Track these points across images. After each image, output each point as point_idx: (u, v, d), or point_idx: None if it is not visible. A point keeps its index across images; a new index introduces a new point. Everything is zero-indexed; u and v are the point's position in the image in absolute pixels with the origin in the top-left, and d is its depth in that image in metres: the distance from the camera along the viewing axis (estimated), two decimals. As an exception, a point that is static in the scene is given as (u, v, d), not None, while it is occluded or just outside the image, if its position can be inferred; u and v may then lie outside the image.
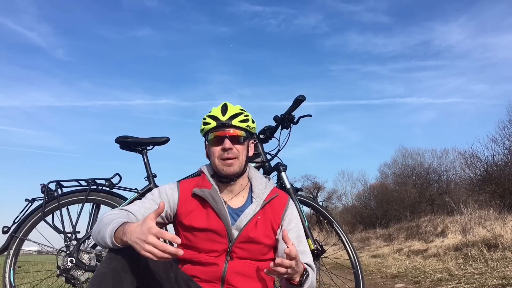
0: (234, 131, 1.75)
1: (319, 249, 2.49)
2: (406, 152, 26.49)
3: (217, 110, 1.79)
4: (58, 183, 2.71)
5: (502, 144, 17.04)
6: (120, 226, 1.42)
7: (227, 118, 1.74)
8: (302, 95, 2.64)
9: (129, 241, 1.34)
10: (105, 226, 1.48)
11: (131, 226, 1.37)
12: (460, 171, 21.70)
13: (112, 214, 1.60)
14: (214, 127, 1.74)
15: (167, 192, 1.77)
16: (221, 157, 1.72)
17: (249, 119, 1.80)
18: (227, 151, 1.71)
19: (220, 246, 1.68)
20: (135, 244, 1.32)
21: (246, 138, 1.80)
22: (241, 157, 1.75)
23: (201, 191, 1.73)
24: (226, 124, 1.73)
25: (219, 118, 1.74)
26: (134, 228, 1.35)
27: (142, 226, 1.32)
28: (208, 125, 1.76)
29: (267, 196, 1.80)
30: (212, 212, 1.70)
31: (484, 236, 7.37)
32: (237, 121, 1.75)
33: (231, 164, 1.72)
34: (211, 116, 1.77)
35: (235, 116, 1.76)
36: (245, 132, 1.79)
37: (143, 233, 1.30)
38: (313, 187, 32.78)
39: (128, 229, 1.36)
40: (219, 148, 1.73)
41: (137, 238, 1.31)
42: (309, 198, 2.83)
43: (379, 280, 5.96)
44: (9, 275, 2.59)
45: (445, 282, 4.62)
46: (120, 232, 1.40)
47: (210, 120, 1.76)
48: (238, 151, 1.74)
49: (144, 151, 2.77)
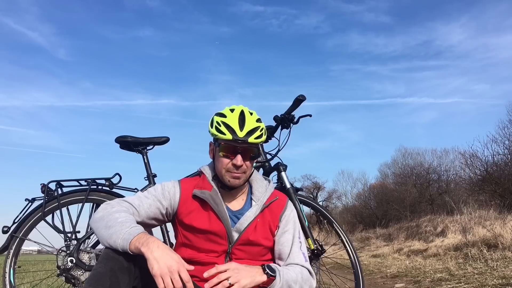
0: (248, 147, 1.70)
1: (319, 249, 2.49)
2: (406, 152, 26.55)
3: (234, 120, 1.69)
4: (58, 183, 2.71)
5: (502, 144, 17.09)
6: (137, 235, 1.42)
7: (244, 135, 1.66)
8: (302, 95, 2.64)
9: (148, 254, 1.36)
10: (121, 225, 1.46)
11: (157, 241, 1.40)
12: (460, 171, 21.75)
13: (122, 211, 1.58)
14: (229, 140, 1.68)
15: (170, 190, 1.76)
16: (229, 169, 1.69)
17: (263, 134, 1.74)
18: (237, 168, 1.68)
19: (219, 247, 1.68)
20: (155, 262, 1.34)
21: (257, 154, 1.77)
22: (248, 172, 1.74)
23: (201, 193, 1.72)
24: (241, 141, 1.66)
25: (235, 132, 1.66)
26: (160, 245, 1.38)
27: (170, 251, 1.38)
28: (223, 135, 1.67)
29: (267, 200, 1.80)
30: (213, 214, 1.69)
31: (484, 236, 7.37)
32: (253, 138, 1.68)
33: (237, 177, 1.70)
34: (227, 126, 1.68)
35: (252, 132, 1.68)
36: (257, 148, 1.76)
37: (171, 263, 1.34)
38: (313, 187, 32.83)
39: (152, 242, 1.39)
40: (229, 161, 1.69)
41: (162, 260, 1.34)
42: (309, 198, 2.83)
43: (379, 280, 5.96)
44: (9, 275, 2.58)
45: (445, 282, 4.62)
46: (137, 242, 1.39)
47: (225, 130, 1.67)
48: (247, 167, 1.71)
49: (144, 151, 2.77)
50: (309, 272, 1.73)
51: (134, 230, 1.44)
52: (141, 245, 1.38)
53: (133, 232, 1.43)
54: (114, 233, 1.44)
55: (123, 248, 1.41)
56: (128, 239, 1.40)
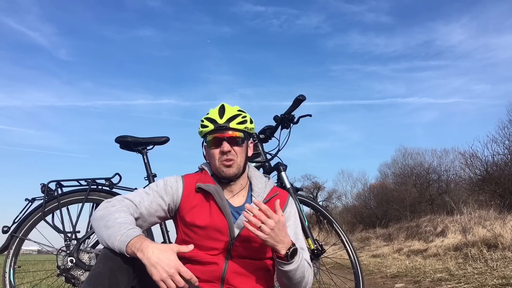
0: (232, 133, 1.75)
1: (319, 249, 2.49)
2: (406, 152, 26.54)
3: (215, 112, 1.79)
4: (58, 183, 2.71)
5: (502, 144, 17.08)
6: (133, 239, 1.43)
7: (224, 121, 1.74)
8: (302, 95, 2.64)
9: (145, 260, 1.36)
10: (119, 227, 1.47)
11: (150, 246, 1.39)
12: (460, 171, 21.74)
13: (122, 210, 1.59)
14: (212, 130, 1.75)
15: (172, 184, 1.77)
16: (220, 159, 1.74)
17: (247, 120, 1.80)
18: (226, 154, 1.72)
19: (220, 244, 1.68)
20: (152, 268, 1.35)
21: (244, 139, 1.80)
22: (239, 159, 1.76)
23: (206, 186, 1.74)
24: (224, 127, 1.74)
25: (216, 121, 1.75)
26: (154, 250, 1.38)
27: (165, 254, 1.37)
28: (206, 128, 1.76)
29: (267, 195, 1.81)
30: (216, 209, 1.70)
31: (484, 236, 7.37)
32: (235, 123, 1.75)
33: (229, 166, 1.73)
34: (209, 119, 1.77)
35: (233, 118, 1.76)
36: (243, 134, 1.79)
37: (168, 265, 1.35)
38: (313, 187, 32.80)
39: (146, 247, 1.39)
40: (217, 150, 1.74)
41: (158, 265, 1.35)
42: (309, 198, 2.84)
43: (379, 280, 5.96)
44: (9, 275, 2.58)
45: (445, 282, 4.63)
46: (133, 247, 1.40)
47: (207, 123, 1.76)
48: (236, 153, 1.75)
49: (144, 150, 2.77)
50: (310, 266, 1.75)
51: (131, 233, 1.45)
52: (136, 250, 1.39)
53: (130, 234, 1.44)
54: (112, 234, 1.45)
55: (120, 250, 1.42)
56: (125, 242, 1.42)
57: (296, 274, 1.63)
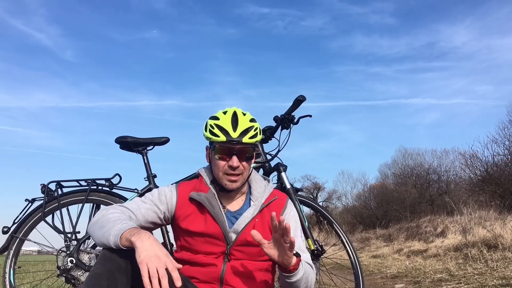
0: (244, 148, 1.69)
1: (319, 249, 2.49)
2: (406, 153, 26.50)
3: (227, 121, 1.70)
4: (58, 183, 2.71)
5: (502, 144, 17.04)
6: (127, 230, 1.42)
7: (237, 135, 1.66)
8: (302, 95, 2.64)
9: (139, 251, 1.33)
10: (113, 223, 1.47)
11: (146, 235, 1.38)
12: (460, 172, 21.71)
13: (116, 212, 1.60)
14: (223, 141, 1.68)
15: (166, 194, 1.76)
16: (226, 172, 1.69)
17: (258, 133, 1.73)
18: (233, 169, 1.68)
19: (218, 249, 1.68)
20: (146, 258, 1.31)
21: (253, 153, 1.76)
22: (245, 173, 1.73)
23: (198, 195, 1.72)
24: (235, 142, 1.67)
25: (229, 133, 1.66)
26: (150, 243, 1.35)
27: (159, 250, 1.34)
28: (217, 137, 1.67)
29: (265, 200, 1.79)
30: (209, 216, 1.69)
31: (484, 236, 7.37)
32: (247, 137, 1.68)
33: (235, 180, 1.70)
34: (220, 127, 1.68)
35: (246, 132, 1.69)
36: (253, 148, 1.75)
37: (162, 262, 1.30)
38: (313, 187, 32.80)
39: (142, 236, 1.37)
40: (225, 163, 1.69)
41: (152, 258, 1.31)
42: (309, 198, 2.83)
43: (379, 280, 5.96)
44: (9, 275, 2.59)
45: (445, 283, 4.62)
46: (129, 234, 1.39)
47: (219, 132, 1.67)
48: (244, 168, 1.71)
49: (144, 151, 2.77)
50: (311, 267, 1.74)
51: (125, 226, 1.45)
52: (131, 235, 1.38)
53: (125, 227, 1.43)
54: (106, 231, 1.46)
55: (115, 244, 1.41)
56: (119, 234, 1.41)
57: (301, 284, 1.63)
